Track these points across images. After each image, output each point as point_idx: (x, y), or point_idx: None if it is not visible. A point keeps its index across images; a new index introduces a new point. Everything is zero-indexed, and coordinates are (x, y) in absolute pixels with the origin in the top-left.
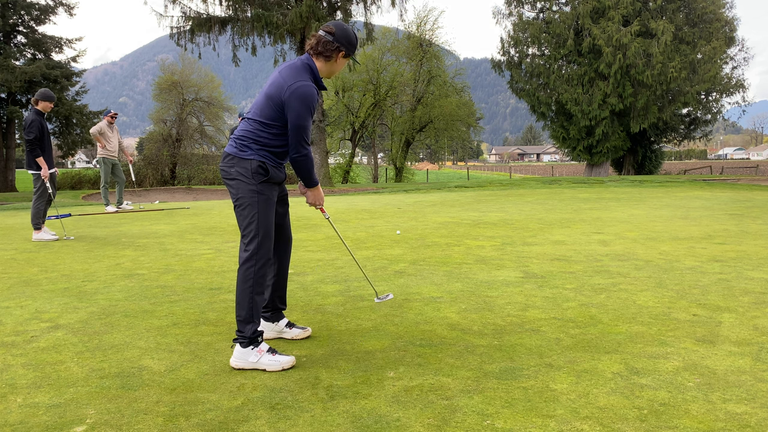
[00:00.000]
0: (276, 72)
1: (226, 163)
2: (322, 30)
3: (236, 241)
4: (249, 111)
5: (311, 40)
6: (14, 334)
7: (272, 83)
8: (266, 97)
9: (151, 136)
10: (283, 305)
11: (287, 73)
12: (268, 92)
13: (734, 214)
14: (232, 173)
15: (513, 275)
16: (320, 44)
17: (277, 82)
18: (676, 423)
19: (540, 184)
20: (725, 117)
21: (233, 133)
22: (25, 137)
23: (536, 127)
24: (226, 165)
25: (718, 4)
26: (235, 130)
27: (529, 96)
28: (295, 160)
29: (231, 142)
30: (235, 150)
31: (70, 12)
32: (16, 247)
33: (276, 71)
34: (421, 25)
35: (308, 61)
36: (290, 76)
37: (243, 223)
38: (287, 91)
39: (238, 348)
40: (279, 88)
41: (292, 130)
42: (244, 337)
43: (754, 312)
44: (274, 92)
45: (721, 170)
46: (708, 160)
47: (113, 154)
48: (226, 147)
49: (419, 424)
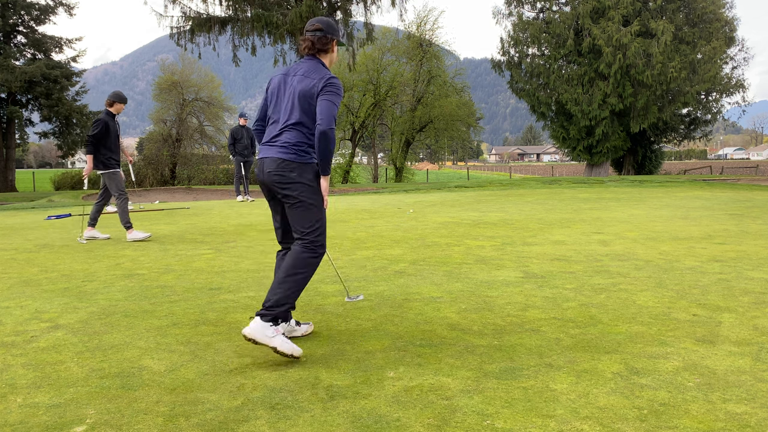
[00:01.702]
0: (297, 76)
1: (284, 169)
2: (310, 32)
3: (236, 241)
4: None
5: (305, 44)
6: (14, 334)
7: (301, 86)
8: (301, 98)
9: (151, 136)
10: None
11: (311, 71)
12: (302, 91)
13: (734, 214)
14: (293, 177)
15: (513, 275)
16: (317, 43)
17: (305, 82)
18: (676, 423)
19: (540, 184)
20: (725, 117)
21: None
22: (88, 133)
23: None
24: (284, 170)
25: (718, 4)
26: (281, 138)
27: (529, 96)
28: (326, 133)
29: (283, 148)
30: (294, 156)
31: (70, 12)
32: (16, 247)
33: (296, 75)
34: (421, 25)
35: (316, 60)
36: (316, 72)
37: (308, 221)
38: (321, 82)
39: (257, 320)
40: (311, 83)
41: (326, 107)
42: (272, 313)
43: (754, 312)
44: (308, 89)
45: (721, 170)
46: (708, 160)
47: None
48: (276, 153)
49: (419, 424)
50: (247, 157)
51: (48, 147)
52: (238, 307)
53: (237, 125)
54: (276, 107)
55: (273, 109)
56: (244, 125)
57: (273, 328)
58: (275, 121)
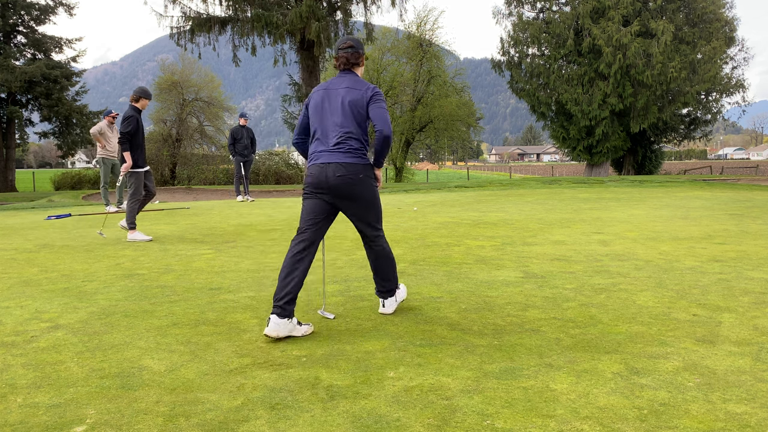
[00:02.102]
0: (342, 89)
1: (351, 170)
2: (342, 50)
3: (236, 241)
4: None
5: (340, 60)
6: (14, 334)
7: (350, 96)
8: (353, 107)
9: (151, 136)
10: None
11: (355, 83)
12: (352, 101)
13: (734, 214)
14: (361, 179)
15: (513, 275)
16: (351, 58)
17: (354, 93)
18: (676, 423)
19: (540, 184)
20: (725, 117)
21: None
22: (120, 130)
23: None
24: (351, 173)
25: (718, 4)
26: (340, 143)
27: (529, 96)
28: (388, 137)
29: (348, 154)
30: (358, 159)
31: (70, 12)
32: (16, 247)
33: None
34: (421, 25)
35: (352, 73)
36: (359, 83)
37: (375, 216)
38: (369, 92)
39: (388, 300)
40: (360, 94)
41: (382, 114)
42: (394, 285)
43: (754, 312)
44: (358, 99)
45: (721, 170)
46: (708, 160)
47: (113, 154)
48: (342, 158)
49: (419, 424)
50: (247, 156)
51: (48, 147)
52: (238, 307)
53: (237, 125)
54: (323, 118)
55: (319, 121)
56: (244, 125)
57: (395, 298)
58: (325, 130)
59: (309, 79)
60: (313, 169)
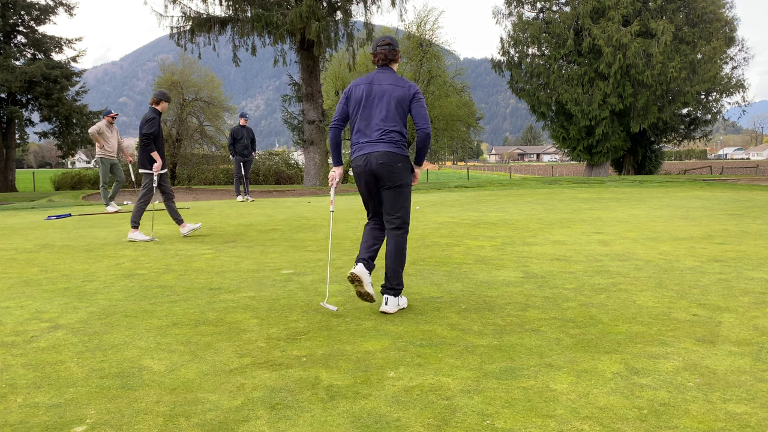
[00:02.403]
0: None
1: (391, 159)
2: (381, 46)
3: (236, 241)
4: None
5: (378, 56)
6: (14, 334)
7: (396, 93)
8: (397, 103)
9: None
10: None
11: (398, 80)
12: (397, 97)
13: (734, 214)
14: (399, 167)
15: (513, 275)
16: (389, 54)
17: (399, 90)
18: (676, 423)
19: (540, 184)
20: (725, 117)
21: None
22: (143, 131)
23: (536, 127)
24: (392, 160)
25: (718, 4)
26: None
27: (529, 96)
28: (429, 134)
29: (390, 144)
30: (399, 150)
31: (70, 12)
32: (16, 247)
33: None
34: (421, 25)
35: (391, 69)
36: (401, 80)
37: (402, 203)
38: (411, 89)
39: (391, 298)
40: (404, 91)
41: (423, 113)
42: (401, 286)
43: (754, 312)
44: (402, 96)
45: (721, 170)
46: (708, 160)
47: (111, 154)
48: (385, 147)
49: (419, 424)
50: (247, 156)
51: (48, 147)
52: (238, 307)
53: (237, 125)
54: (366, 111)
55: (362, 112)
56: (244, 125)
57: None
58: (369, 123)
59: (309, 79)
60: (358, 160)
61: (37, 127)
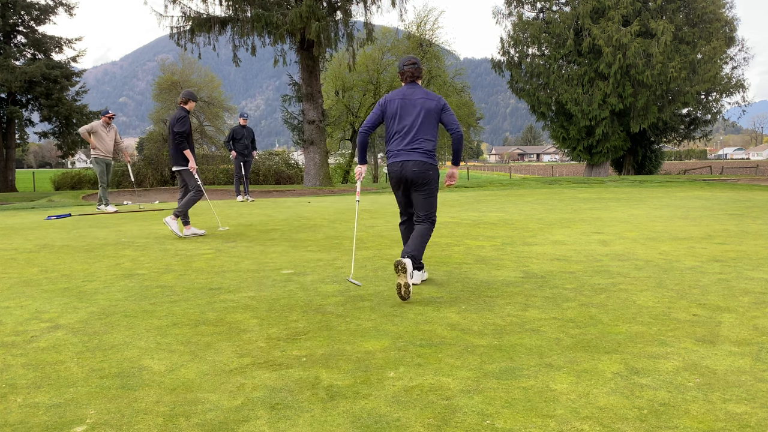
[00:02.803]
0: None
1: (424, 167)
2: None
3: (236, 241)
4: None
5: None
6: (14, 334)
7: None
8: (428, 115)
9: (151, 136)
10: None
11: (427, 94)
12: (428, 109)
13: (734, 214)
14: (431, 175)
15: (513, 275)
16: (415, 72)
17: (430, 103)
18: (676, 423)
19: (540, 184)
20: (725, 117)
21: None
22: (175, 130)
23: (536, 127)
24: (425, 169)
25: (718, 4)
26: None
27: (529, 96)
28: (462, 135)
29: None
30: (431, 160)
31: (70, 12)
32: (16, 247)
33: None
34: (421, 25)
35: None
36: (430, 93)
37: (432, 206)
38: (440, 102)
39: (417, 273)
40: (434, 103)
41: (454, 118)
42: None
43: (754, 312)
44: (433, 107)
45: (721, 170)
46: (708, 160)
47: (105, 154)
48: (419, 157)
49: (419, 424)
50: (247, 156)
51: (48, 147)
52: (238, 307)
53: (238, 125)
54: (402, 121)
55: (398, 124)
56: (244, 125)
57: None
58: (405, 132)
59: (309, 79)
60: (394, 166)
61: (37, 127)
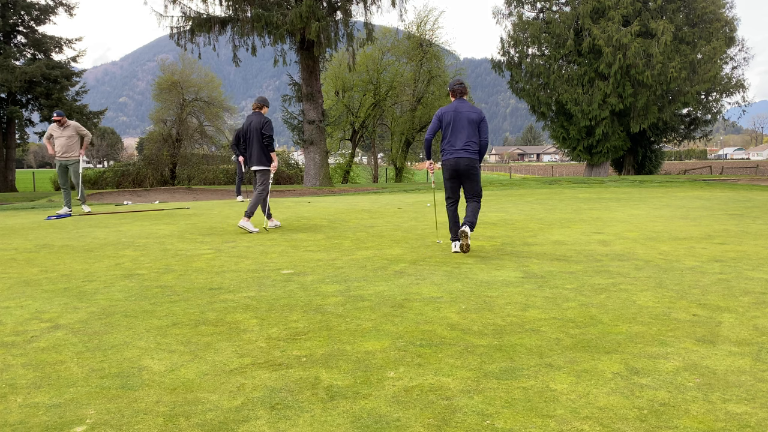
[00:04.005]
0: (465, 111)
1: (472, 162)
2: (458, 85)
3: (236, 241)
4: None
5: (455, 93)
6: (14, 334)
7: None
8: (471, 124)
9: (151, 136)
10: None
11: (473, 108)
12: (471, 120)
13: (734, 214)
14: (476, 167)
15: (513, 275)
16: (464, 90)
17: (473, 115)
18: (676, 423)
19: (540, 184)
20: (725, 117)
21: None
22: (266, 133)
23: (536, 127)
24: (470, 163)
25: (718, 4)
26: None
27: (529, 96)
28: (488, 141)
29: (473, 153)
30: (477, 156)
31: (70, 12)
32: (16, 247)
33: (463, 111)
34: (421, 25)
35: (465, 100)
36: (474, 108)
37: (479, 187)
38: (481, 115)
39: (469, 230)
40: (476, 115)
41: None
42: (475, 224)
43: (754, 312)
44: (476, 118)
45: (721, 170)
46: (708, 160)
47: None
48: (469, 155)
49: (419, 424)
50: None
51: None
52: (238, 307)
53: (239, 125)
54: (455, 129)
55: (451, 131)
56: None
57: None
58: (458, 136)
59: (309, 79)
60: (449, 160)
61: (37, 127)
